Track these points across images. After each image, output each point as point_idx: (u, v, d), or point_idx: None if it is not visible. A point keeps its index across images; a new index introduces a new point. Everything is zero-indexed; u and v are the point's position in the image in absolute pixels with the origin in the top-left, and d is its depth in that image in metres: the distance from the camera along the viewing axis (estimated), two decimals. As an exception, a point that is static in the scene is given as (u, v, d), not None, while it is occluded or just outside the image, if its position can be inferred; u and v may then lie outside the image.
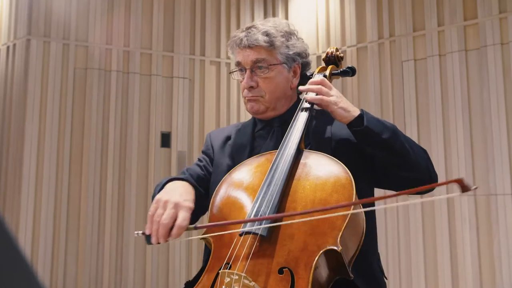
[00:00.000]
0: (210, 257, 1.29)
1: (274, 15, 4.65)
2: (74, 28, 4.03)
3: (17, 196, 3.75)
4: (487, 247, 3.44)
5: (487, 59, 3.56)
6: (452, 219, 3.58)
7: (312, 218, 1.19)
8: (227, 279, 1.15)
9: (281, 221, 1.24)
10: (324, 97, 1.42)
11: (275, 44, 1.57)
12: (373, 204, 1.51)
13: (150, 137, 4.15)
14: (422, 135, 3.79)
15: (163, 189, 1.41)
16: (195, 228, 1.22)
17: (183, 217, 1.26)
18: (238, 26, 4.59)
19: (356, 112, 1.42)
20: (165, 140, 4.21)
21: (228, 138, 1.68)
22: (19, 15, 4.00)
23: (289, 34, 1.62)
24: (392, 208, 3.79)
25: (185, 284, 1.48)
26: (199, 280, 1.26)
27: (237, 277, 1.14)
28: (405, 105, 3.89)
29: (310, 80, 1.51)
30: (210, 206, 1.40)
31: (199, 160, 1.71)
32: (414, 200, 3.10)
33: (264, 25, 1.60)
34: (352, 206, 1.24)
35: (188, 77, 4.36)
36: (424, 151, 1.52)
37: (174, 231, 1.25)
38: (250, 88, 1.58)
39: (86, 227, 3.86)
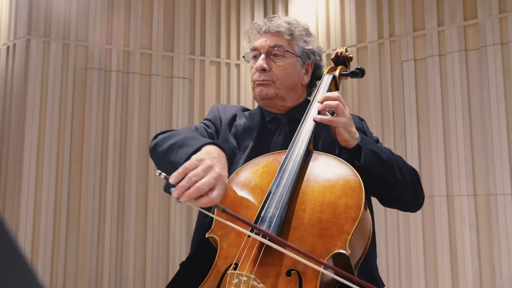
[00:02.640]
0: (217, 256, 1.27)
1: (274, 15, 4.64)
2: (74, 28, 4.02)
3: (17, 196, 3.74)
4: (487, 247, 3.44)
5: (487, 59, 3.57)
6: (452, 219, 3.58)
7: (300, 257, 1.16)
8: (236, 280, 1.15)
9: (287, 235, 1.23)
10: (334, 119, 1.40)
11: (295, 34, 1.60)
12: (372, 218, 1.50)
13: (150, 137, 4.14)
14: (422, 135, 3.79)
15: (205, 150, 1.25)
16: (223, 210, 1.13)
17: (219, 193, 1.16)
18: (238, 26, 4.59)
19: (356, 140, 1.42)
20: (165, 140, 4.20)
21: (234, 117, 1.66)
22: (19, 15, 3.99)
23: (308, 32, 1.66)
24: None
25: (180, 264, 1.46)
26: (205, 280, 1.25)
27: (246, 278, 1.14)
28: (405, 105, 3.89)
29: (326, 95, 1.45)
30: None
31: (206, 125, 1.63)
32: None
33: (287, 17, 1.66)
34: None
35: (188, 77, 4.35)
36: (414, 173, 1.53)
37: (205, 200, 1.14)
38: (262, 71, 1.57)
39: (86, 227, 3.85)
